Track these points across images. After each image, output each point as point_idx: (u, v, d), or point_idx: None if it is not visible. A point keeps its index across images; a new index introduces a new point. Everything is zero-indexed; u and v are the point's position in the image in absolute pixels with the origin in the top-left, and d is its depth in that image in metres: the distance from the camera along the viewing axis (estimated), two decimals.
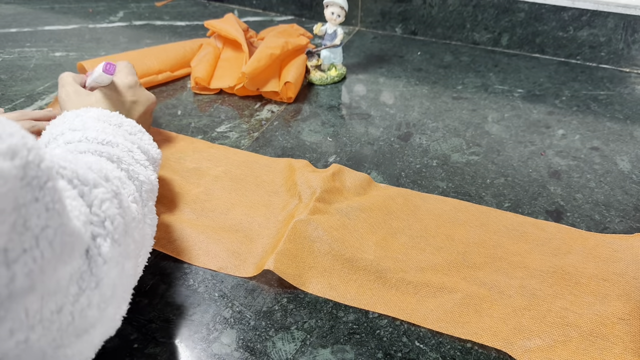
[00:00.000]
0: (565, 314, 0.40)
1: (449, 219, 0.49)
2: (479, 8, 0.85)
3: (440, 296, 0.42)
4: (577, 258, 0.45)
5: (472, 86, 0.76)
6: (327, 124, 0.66)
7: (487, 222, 0.49)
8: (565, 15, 0.79)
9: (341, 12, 0.72)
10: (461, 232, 0.48)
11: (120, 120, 0.46)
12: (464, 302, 0.41)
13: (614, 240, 0.47)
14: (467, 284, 0.43)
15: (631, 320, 0.39)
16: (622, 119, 0.67)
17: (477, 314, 0.40)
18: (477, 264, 0.45)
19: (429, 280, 0.43)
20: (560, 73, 0.79)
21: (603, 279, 0.43)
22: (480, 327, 0.39)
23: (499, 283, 0.43)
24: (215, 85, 0.73)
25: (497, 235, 0.48)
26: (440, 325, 0.40)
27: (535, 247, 0.46)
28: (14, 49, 0.85)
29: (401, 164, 0.59)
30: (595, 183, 0.55)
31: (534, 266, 0.44)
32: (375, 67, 0.82)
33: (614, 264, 0.44)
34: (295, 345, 0.38)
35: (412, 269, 0.44)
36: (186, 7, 1.06)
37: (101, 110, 0.46)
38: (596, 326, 0.39)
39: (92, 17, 1.00)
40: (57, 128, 0.42)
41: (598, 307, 0.40)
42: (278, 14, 1.02)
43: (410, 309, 0.41)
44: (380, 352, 0.38)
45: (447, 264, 0.45)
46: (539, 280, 0.43)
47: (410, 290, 0.42)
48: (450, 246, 0.46)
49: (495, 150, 0.61)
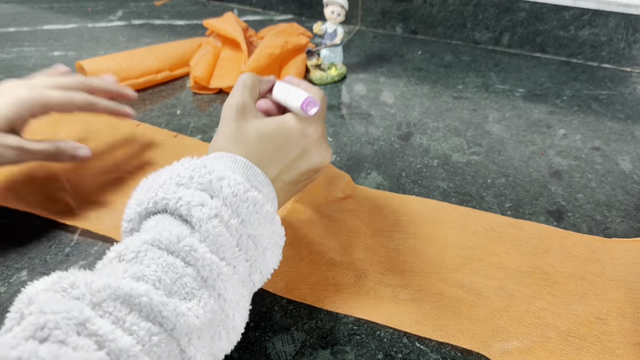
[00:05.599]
0: (543, 314, 0.40)
1: (428, 220, 0.49)
2: (479, 7, 0.85)
3: (419, 298, 0.41)
4: (555, 257, 0.45)
5: (473, 86, 0.75)
6: (327, 123, 0.66)
7: (465, 222, 0.49)
8: (566, 14, 0.79)
9: (341, 11, 0.72)
10: (439, 234, 0.48)
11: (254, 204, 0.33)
12: (442, 304, 0.41)
13: (592, 241, 0.47)
14: (445, 285, 0.42)
15: (608, 320, 0.39)
16: (623, 118, 0.67)
17: (456, 316, 0.40)
18: (455, 266, 0.44)
19: (407, 282, 0.43)
20: (561, 73, 0.79)
21: (581, 278, 0.43)
22: (458, 330, 0.39)
23: (477, 284, 0.43)
24: (214, 85, 0.72)
25: (475, 236, 0.47)
26: (418, 328, 0.39)
27: (514, 247, 0.46)
28: (13, 49, 0.85)
29: (401, 163, 0.58)
30: (597, 183, 0.55)
31: (512, 266, 0.44)
32: (376, 66, 0.82)
33: (592, 264, 0.44)
34: (295, 346, 0.38)
35: (390, 272, 0.44)
36: (185, 6, 1.05)
37: (239, 168, 0.34)
38: (574, 326, 0.39)
39: (91, 16, 1.00)
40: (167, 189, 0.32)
41: (576, 306, 0.40)
42: (278, 13, 1.02)
43: (388, 313, 0.40)
44: (381, 353, 0.38)
45: (425, 265, 0.44)
46: (517, 281, 0.43)
47: (389, 294, 0.42)
48: (429, 248, 0.46)
49: (496, 150, 0.61)
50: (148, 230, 0.31)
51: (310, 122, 0.39)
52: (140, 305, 0.26)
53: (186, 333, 0.27)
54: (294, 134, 0.38)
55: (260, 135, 0.37)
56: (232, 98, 0.39)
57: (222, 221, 0.31)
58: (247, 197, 0.33)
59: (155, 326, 0.27)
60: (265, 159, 0.36)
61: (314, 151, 0.39)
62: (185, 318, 0.27)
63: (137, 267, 0.28)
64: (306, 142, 0.38)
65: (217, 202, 0.32)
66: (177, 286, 0.29)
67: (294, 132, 0.38)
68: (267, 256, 0.34)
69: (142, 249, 0.30)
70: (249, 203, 0.33)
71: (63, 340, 0.24)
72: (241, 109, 0.38)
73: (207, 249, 0.30)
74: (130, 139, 0.61)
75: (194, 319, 0.28)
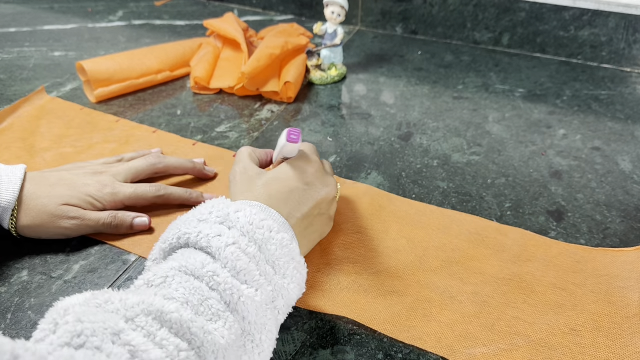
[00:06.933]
0: (515, 322, 0.39)
1: (412, 222, 0.49)
2: (479, 7, 0.85)
3: (390, 298, 0.41)
4: (536, 266, 0.44)
5: (473, 86, 0.75)
6: (327, 123, 0.66)
7: (449, 225, 0.49)
8: (566, 14, 0.79)
9: (341, 11, 0.72)
10: (422, 235, 0.47)
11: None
12: (413, 305, 0.41)
13: (577, 250, 0.46)
14: (420, 287, 0.42)
15: (583, 332, 0.38)
16: (623, 118, 0.67)
17: (425, 318, 0.40)
18: (433, 268, 0.44)
19: (381, 282, 0.43)
20: (561, 73, 0.79)
21: (561, 288, 0.42)
22: (425, 332, 0.39)
23: (451, 288, 0.42)
24: (214, 85, 0.72)
25: (457, 239, 0.47)
26: (385, 327, 0.39)
27: (495, 252, 0.46)
28: (13, 49, 0.85)
29: (401, 163, 0.58)
30: (597, 183, 0.55)
31: (491, 272, 0.44)
32: (376, 66, 0.82)
33: (574, 274, 0.43)
34: (295, 346, 0.38)
35: (366, 272, 0.44)
36: (185, 7, 1.06)
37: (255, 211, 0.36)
38: (545, 336, 0.38)
39: (91, 16, 1.00)
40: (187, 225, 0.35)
41: (550, 316, 0.40)
42: (278, 13, 1.02)
43: (358, 309, 0.40)
44: (381, 353, 0.38)
45: (403, 266, 0.44)
46: (493, 287, 0.42)
47: (361, 292, 0.42)
48: (409, 249, 0.46)
49: (496, 150, 0.61)
50: (175, 258, 0.33)
51: (305, 159, 0.43)
52: (170, 321, 0.28)
53: (212, 351, 0.29)
54: (294, 173, 0.41)
55: (265, 181, 0.41)
56: (235, 166, 0.44)
57: (240, 247, 0.33)
58: (262, 224, 0.35)
59: (184, 342, 0.28)
60: (273, 199, 0.39)
61: (317, 183, 0.42)
62: (212, 336, 0.29)
63: (166, 290, 0.30)
64: (307, 176, 0.41)
65: (235, 231, 0.34)
66: (204, 307, 0.30)
67: (294, 172, 0.41)
68: (287, 282, 0.36)
69: (169, 274, 0.31)
70: (264, 230, 0.35)
71: (99, 347, 0.25)
72: (243, 171, 0.43)
73: (228, 273, 0.32)
74: (109, 135, 0.62)
75: (219, 338, 0.29)
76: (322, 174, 0.43)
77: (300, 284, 0.37)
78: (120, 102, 0.70)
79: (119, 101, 0.70)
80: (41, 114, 0.65)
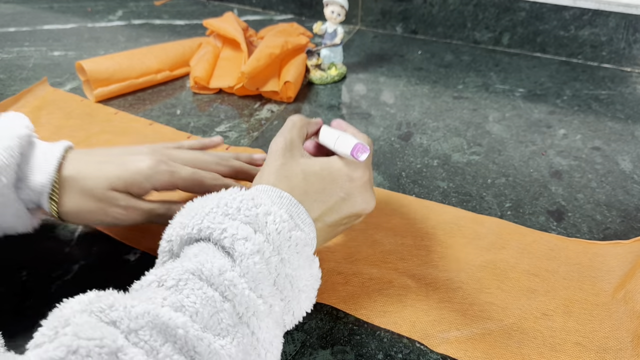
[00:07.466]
0: (488, 307, 0.40)
1: (391, 213, 0.50)
2: (479, 7, 0.84)
3: (368, 286, 0.42)
4: (511, 253, 0.45)
5: (473, 86, 0.75)
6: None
7: (428, 215, 0.50)
8: (566, 14, 0.79)
9: (341, 11, 0.72)
10: (400, 225, 0.49)
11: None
12: (389, 292, 0.42)
13: (552, 239, 0.47)
14: (397, 275, 0.43)
15: (554, 317, 0.40)
16: (623, 118, 0.67)
17: (401, 304, 0.41)
18: (410, 256, 0.45)
19: (359, 271, 0.43)
20: (561, 72, 0.79)
21: (534, 274, 0.43)
22: (400, 317, 0.40)
23: (428, 275, 0.43)
24: (214, 85, 0.72)
25: (434, 229, 0.48)
26: (362, 312, 0.40)
27: (471, 241, 0.47)
28: (13, 48, 0.85)
29: (402, 163, 0.58)
30: (597, 183, 0.55)
31: (466, 260, 0.45)
32: (376, 66, 0.81)
33: (548, 261, 0.45)
34: (295, 346, 0.38)
35: (344, 260, 0.45)
36: (185, 6, 1.05)
37: (290, 204, 0.34)
38: (518, 320, 0.39)
39: (90, 16, 1.00)
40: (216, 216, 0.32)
41: (523, 301, 0.41)
42: (278, 13, 1.02)
43: (335, 297, 0.41)
44: (381, 353, 0.38)
45: (380, 255, 0.45)
46: (468, 274, 0.43)
47: (340, 281, 0.43)
48: (387, 238, 0.47)
49: (496, 150, 0.61)
50: (191, 258, 0.31)
51: (357, 166, 0.38)
52: (175, 337, 0.26)
53: None
54: (340, 177, 0.37)
55: (306, 173, 0.37)
56: (280, 135, 0.39)
57: (263, 258, 0.32)
58: (290, 235, 0.33)
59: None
60: (309, 198, 0.36)
61: (358, 196, 0.38)
62: (218, 357, 0.27)
63: (177, 297, 0.28)
64: (351, 186, 0.38)
65: (261, 237, 0.32)
66: (214, 321, 0.29)
67: (340, 175, 0.37)
68: (302, 298, 0.34)
69: (183, 278, 0.29)
70: (291, 243, 0.33)
71: None
72: (289, 145, 0.38)
73: (246, 285, 0.30)
74: (106, 126, 0.63)
75: (226, 357, 0.28)
76: (366, 189, 0.39)
77: (312, 299, 0.36)
78: (120, 102, 0.70)
79: (119, 101, 0.70)
80: (43, 105, 0.67)
